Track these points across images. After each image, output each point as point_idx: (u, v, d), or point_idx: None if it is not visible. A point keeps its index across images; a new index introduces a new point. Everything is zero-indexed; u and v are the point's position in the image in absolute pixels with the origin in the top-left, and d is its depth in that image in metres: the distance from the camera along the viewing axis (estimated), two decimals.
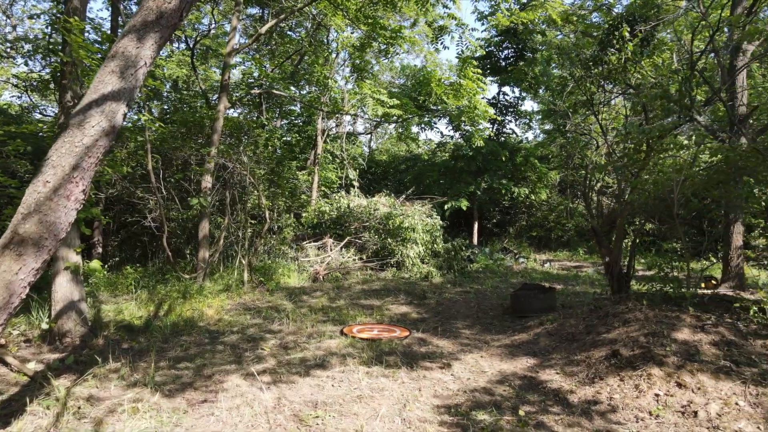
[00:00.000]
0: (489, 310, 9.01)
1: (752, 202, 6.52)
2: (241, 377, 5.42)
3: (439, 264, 12.76)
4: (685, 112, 6.39)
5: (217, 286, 9.69)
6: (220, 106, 9.75)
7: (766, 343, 5.35)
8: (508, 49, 17.83)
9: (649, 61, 6.95)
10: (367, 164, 21.93)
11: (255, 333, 7.23)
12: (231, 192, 10.36)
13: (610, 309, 6.68)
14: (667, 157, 7.28)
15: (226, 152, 10.22)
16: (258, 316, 8.19)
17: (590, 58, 7.29)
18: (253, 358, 6.07)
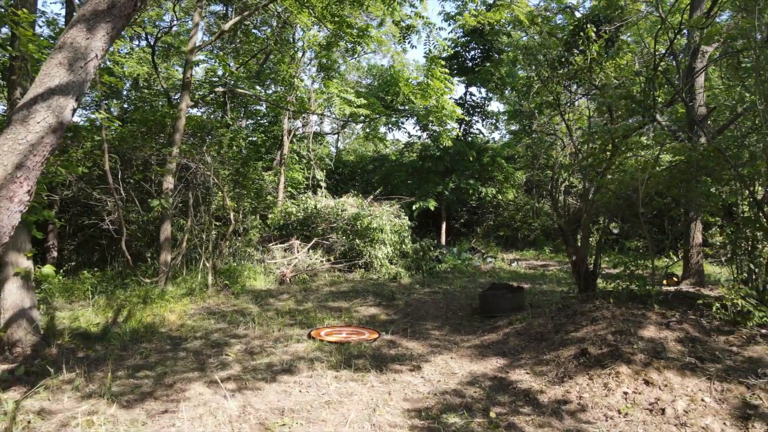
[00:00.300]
0: (458, 310, 8.98)
1: (713, 201, 6.65)
2: (204, 385, 5.21)
3: (408, 264, 12.70)
4: (649, 112, 6.47)
5: (180, 290, 9.39)
6: (182, 104, 9.46)
7: (728, 339, 5.44)
8: (474, 50, 17.93)
9: (612, 63, 7.03)
10: (335, 164, 21.74)
11: (219, 338, 7.01)
12: (194, 193, 10.06)
13: (578, 308, 6.72)
14: (631, 157, 7.39)
15: (188, 152, 9.93)
16: (223, 320, 7.96)
17: (556, 59, 7.33)
18: (217, 365, 5.86)
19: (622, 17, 7.39)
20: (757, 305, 5.62)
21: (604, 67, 6.85)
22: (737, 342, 5.37)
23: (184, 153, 9.77)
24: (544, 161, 21.81)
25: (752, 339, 5.39)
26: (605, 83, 6.85)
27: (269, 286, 10.91)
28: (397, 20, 10.28)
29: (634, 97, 6.65)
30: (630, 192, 7.09)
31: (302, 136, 19.40)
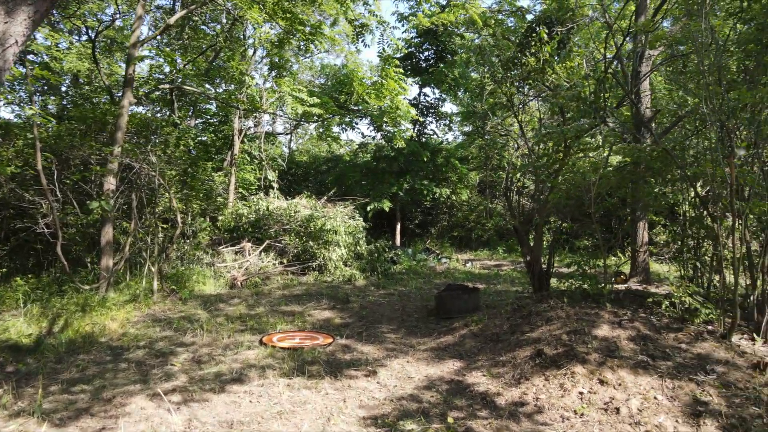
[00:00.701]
0: (414, 312, 8.89)
1: (660, 201, 6.80)
2: (146, 398, 4.90)
3: (363, 266, 12.55)
4: (599, 113, 6.55)
5: (123, 296, 8.91)
6: (124, 101, 8.99)
7: (677, 336, 5.55)
8: (428, 51, 17.96)
9: (563, 66, 7.10)
10: (287, 165, 21.37)
11: (164, 347, 6.65)
12: (138, 194, 9.57)
13: (533, 308, 6.74)
14: (583, 158, 7.48)
15: (131, 151, 9.44)
16: (169, 327, 7.58)
17: (509, 60, 7.35)
18: (162, 376, 5.54)
19: (574, 19, 7.49)
20: (703, 303, 5.76)
21: (556, 68, 6.90)
22: (686, 339, 5.48)
23: (126, 152, 9.29)
24: (496, 162, 22.13)
25: (700, 336, 5.52)
26: (557, 85, 6.91)
27: (219, 291, 10.53)
28: (350, 19, 10.10)
29: (586, 98, 6.73)
30: (581, 192, 7.19)
31: (254, 136, 18.95)
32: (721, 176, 5.34)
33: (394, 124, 11.35)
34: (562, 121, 7.23)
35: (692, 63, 6.51)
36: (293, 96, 11.03)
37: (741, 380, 4.68)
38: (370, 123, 18.33)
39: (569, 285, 6.81)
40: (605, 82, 6.44)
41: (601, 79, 6.51)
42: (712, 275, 6.45)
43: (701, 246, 6.49)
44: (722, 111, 5.37)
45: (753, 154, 5.71)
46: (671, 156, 5.98)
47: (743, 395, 4.46)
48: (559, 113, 7.21)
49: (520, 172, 7.83)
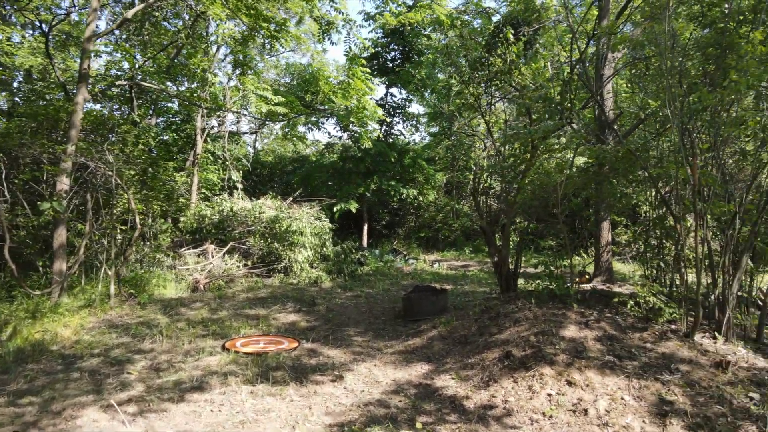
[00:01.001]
0: (381, 314, 8.78)
1: (624, 201, 6.87)
2: (99, 410, 4.64)
3: (329, 268, 12.37)
4: (566, 114, 6.58)
5: (78, 301, 8.52)
6: (79, 97, 8.59)
7: (642, 336, 5.60)
8: (395, 51, 17.90)
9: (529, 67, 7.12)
10: (252, 165, 20.99)
11: (121, 354, 6.36)
12: (94, 195, 9.17)
13: (501, 309, 6.71)
14: (549, 159, 7.51)
15: (86, 150, 9.04)
16: (126, 333, 7.26)
17: (476, 60, 7.32)
18: (117, 385, 5.27)
19: (540, 20, 7.52)
20: (667, 302, 5.83)
21: (522, 70, 6.91)
22: (651, 338, 5.53)
23: (81, 151, 8.88)
24: (463, 163, 22.25)
25: (664, 335, 5.57)
26: (524, 86, 6.92)
27: (181, 295, 10.19)
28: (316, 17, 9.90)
29: (552, 99, 6.75)
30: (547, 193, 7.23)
31: (217, 135, 18.54)
32: (684, 177, 5.41)
33: (360, 124, 11.21)
34: (528, 122, 7.24)
35: (654, 66, 6.60)
36: (257, 94, 10.74)
37: (705, 379, 4.74)
38: (336, 123, 18.15)
39: (536, 285, 6.82)
40: (571, 83, 6.47)
41: (567, 80, 6.54)
42: (675, 275, 6.54)
43: (663, 246, 6.59)
44: (684, 113, 5.44)
45: (713, 155, 5.82)
46: (636, 157, 6.04)
47: (707, 394, 4.51)
48: (525, 114, 7.22)
49: (487, 173, 7.80)
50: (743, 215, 5.53)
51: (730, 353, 5.23)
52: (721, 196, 5.80)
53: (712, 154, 5.75)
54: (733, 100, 5.63)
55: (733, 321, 5.68)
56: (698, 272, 5.32)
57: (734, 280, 5.59)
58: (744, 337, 5.77)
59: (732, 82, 5.13)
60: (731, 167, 5.85)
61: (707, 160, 5.89)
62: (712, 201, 5.42)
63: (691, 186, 5.01)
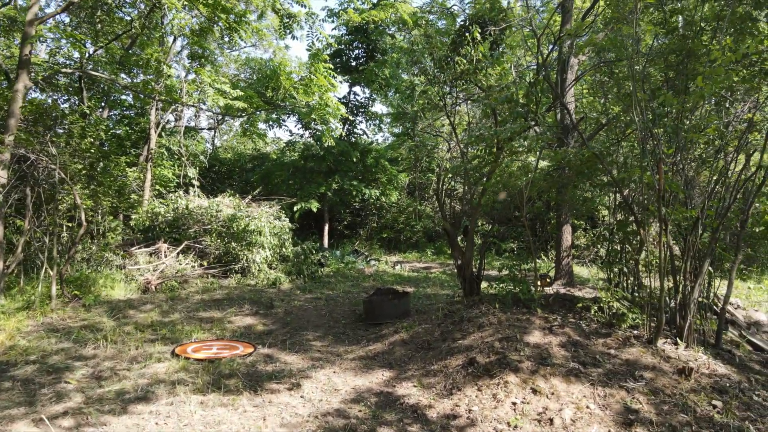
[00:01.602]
0: (341, 318, 8.53)
1: (588, 205, 6.85)
2: (31, 424, 4.25)
3: (288, 269, 12.03)
4: (532, 116, 6.50)
5: (15, 303, 7.97)
6: (19, 84, 8.01)
7: (606, 341, 5.54)
8: (358, 49, 17.65)
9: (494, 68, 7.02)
10: (210, 162, 20.40)
11: (60, 361, 5.91)
12: (35, 189, 8.59)
13: (465, 314, 6.57)
14: (513, 161, 7.43)
15: (27, 141, 8.45)
16: (67, 338, 6.78)
17: (442, 59, 7.17)
18: (52, 396, 4.86)
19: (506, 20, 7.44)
20: (630, 308, 5.80)
21: (488, 70, 6.79)
22: (614, 345, 5.48)
23: (21, 142, 8.30)
24: (426, 164, 22.21)
25: (627, 341, 5.53)
26: (490, 86, 6.81)
27: (130, 296, 9.69)
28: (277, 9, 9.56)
29: (517, 101, 6.67)
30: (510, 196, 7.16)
31: (174, 130, 17.89)
32: (648, 182, 5.37)
33: (323, 122, 10.90)
34: (494, 123, 7.15)
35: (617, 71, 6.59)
36: (214, 88, 10.26)
37: (668, 386, 4.69)
38: (298, 120, 17.76)
39: (500, 289, 6.70)
40: (537, 85, 6.39)
41: (533, 82, 6.46)
42: (635, 280, 6.54)
43: (625, 250, 6.58)
44: (647, 118, 5.41)
45: (673, 161, 5.83)
46: (600, 161, 6.00)
47: (671, 402, 4.46)
48: (491, 115, 7.12)
49: (451, 174, 7.66)
50: (704, 221, 5.54)
51: (692, 359, 5.23)
52: (682, 202, 5.81)
53: (673, 160, 5.76)
54: (696, 106, 5.65)
55: (693, 327, 5.70)
56: (662, 278, 5.30)
57: (695, 286, 5.60)
58: (704, 343, 5.79)
59: (698, 87, 5.13)
60: (690, 173, 5.87)
61: (668, 165, 5.90)
62: (675, 207, 5.41)
63: (656, 191, 4.97)
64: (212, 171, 20.26)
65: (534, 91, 6.56)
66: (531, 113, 6.64)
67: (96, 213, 11.79)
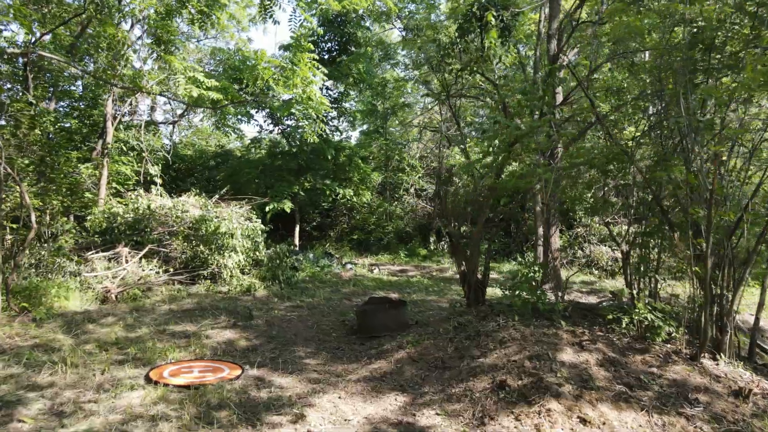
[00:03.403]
0: (331, 330, 7.76)
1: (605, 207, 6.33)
2: None
3: (263, 274, 11.13)
4: (548, 109, 5.95)
5: None
6: None
7: (645, 358, 5.02)
8: (331, 42, 16.84)
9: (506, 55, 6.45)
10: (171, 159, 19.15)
11: (9, 392, 4.92)
12: None
13: (480, 327, 5.94)
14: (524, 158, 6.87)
15: None
16: (17, 362, 5.76)
17: (448, 45, 6.52)
18: None
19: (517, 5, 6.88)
20: (665, 319, 5.30)
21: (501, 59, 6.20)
22: (655, 362, 4.96)
23: None
24: (396, 164, 21.60)
25: (668, 357, 5.03)
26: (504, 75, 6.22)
27: (88, 307, 8.62)
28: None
29: (534, 91, 6.10)
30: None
31: (130, 123, 16.60)
32: (692, 182, 4.88)
33: (304, 117, 10.05)
34: (504, 116, 6.56)
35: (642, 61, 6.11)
36: (187, 76, 9.21)
37: (728, 411, 4.20)
38: (267, 116, 16.76)
39: (514, 299, 6.09)
40: (555, 72, 5.84)
41: (552, 69, 5.91)
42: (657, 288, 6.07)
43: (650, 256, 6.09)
44: (690, 112, 4.92)
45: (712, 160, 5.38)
46: (629, 158, 5.48)
47: (736, 429, 3.95)
48: (499, 109, 6.53)
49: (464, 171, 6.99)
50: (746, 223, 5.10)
51: (738, 378, 4.77)
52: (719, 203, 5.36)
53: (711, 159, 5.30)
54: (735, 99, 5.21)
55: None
56: (707, 288, 4.82)
57: (735, 296, 5.15)
58: (738, 356, 5.37)
59: (735, 80, 4.67)
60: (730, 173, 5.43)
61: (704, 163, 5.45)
62: (723, 208, 4.94)
63: (708, 191, 4.47)
64: (172, 168, 18.99)
65: (552, 79, 6.00)
66: (547, 106, 6.09)
67: (45, 213, 10.60)
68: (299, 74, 8.81)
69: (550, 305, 5.83)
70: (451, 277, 14.13)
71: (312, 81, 8.99)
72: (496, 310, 6.35)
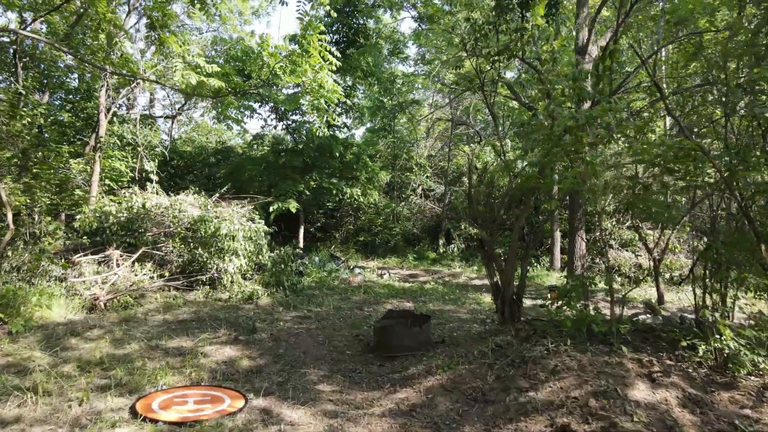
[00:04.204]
0: (344, 347, 6.89)
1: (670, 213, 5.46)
2: None
3: (266, 280, 10.28)
4: (603, 97, 5.10)
5: None
6: None
7: (733, 396, 4.15)
8: (339, 33, 15.97)
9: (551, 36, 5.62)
10: (168, 155, 18.29)
11: None
12: None
13: (523, 350, 5.07)
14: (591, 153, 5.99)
15: None
16: None
17: (485, 25, 5.66)
18: None
19: None
20: (752, 347, 4.44)
21: (548, 40, 5.35)
22: (747, 401, 4.09)
23: None
24: (404, 162, 20.76)
25: (761, 395, 4.16)
26: (553, 58, 5.37)
27: (73, 317, 7.77)
28: None
29: (581, 78, 5.25)
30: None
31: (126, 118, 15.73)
32: None
33: (313, 108, 9.17)
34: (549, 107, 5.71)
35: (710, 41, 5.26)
36: (186, 62, 8.29)
37: None
38: (271, 110, 15.88)
39: (565, 318, 5.22)
40: (615, 54, 4.98)
41: (605, 53, 5.06)
42: (733, 308, 5.21)
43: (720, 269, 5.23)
44: None
45: None
46: (706, 155, 4.63)
47: None
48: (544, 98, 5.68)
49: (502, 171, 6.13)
50: None
51: None
52: None
53: None
54: None
55: None
56: None
57: None
58: None
59: None
60: None
61: None
62: None
63: None
64: (170, 165, 18.13)
65: (606, 67, 5.15)
66: (600, 95, 5.24)
67: (31, 212, 9.76)
68: (309, 60, 7.94)
69: (607, 326, 4.96)
70: (465, 283, 13.29)
71: (323, 67, 8.12)
72: (538, 329, 5.50)
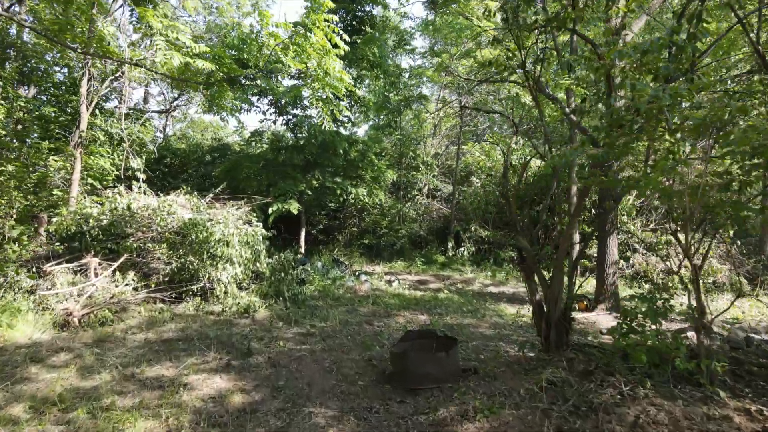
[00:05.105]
0: (356, 375, 5.81)
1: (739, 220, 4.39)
2: None
3: (264, 290, 9.23)
4: (683, 71, 4.06)
5: None
6: None
7: None
8: (344, 21, 14.91)
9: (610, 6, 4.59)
10: (161, 153, 17.23)
11: None
12: None
13: (586, 392, 4.01)
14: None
15: None
16: None
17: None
18: None
19: None
20: None
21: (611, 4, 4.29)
22: None
23: None
24: (410, 161, 19.74)
25: None
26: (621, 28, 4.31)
27: (41, 335, 6.74)
28: None
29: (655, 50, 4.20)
30: None
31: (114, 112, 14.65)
32: None
33: (318, 99, 8.10)
34: (607, 91, 4.67)
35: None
36: (165, 37, 7.12)
37: None
38: (270, 104, 14.77)
39: (637, 351, 4.15)
40: (701, 18, 3.95)
41: (698, 12, 4.02)
42: None
43: None
44: None
45: None
46: None
47: None
48: (604, 80, 4.63)
49: (557, 164, 5.08)
50: None
51: None
52: None
53: None
54: None
55: None
56: None
57: None
58: None
59: None
60: None
61: None
62: None
63: None
64: (163, 163, 17.06)
65: (697, 23, 4.14)
66: (680, 71, 4.20)
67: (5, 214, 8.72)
68: (314, 42, 6.89)
69: (694, 363, 3.90)
70: (480, 290, 12.23)
71: (329, 51, 7.07)
72: (599, 362, 4.44)
